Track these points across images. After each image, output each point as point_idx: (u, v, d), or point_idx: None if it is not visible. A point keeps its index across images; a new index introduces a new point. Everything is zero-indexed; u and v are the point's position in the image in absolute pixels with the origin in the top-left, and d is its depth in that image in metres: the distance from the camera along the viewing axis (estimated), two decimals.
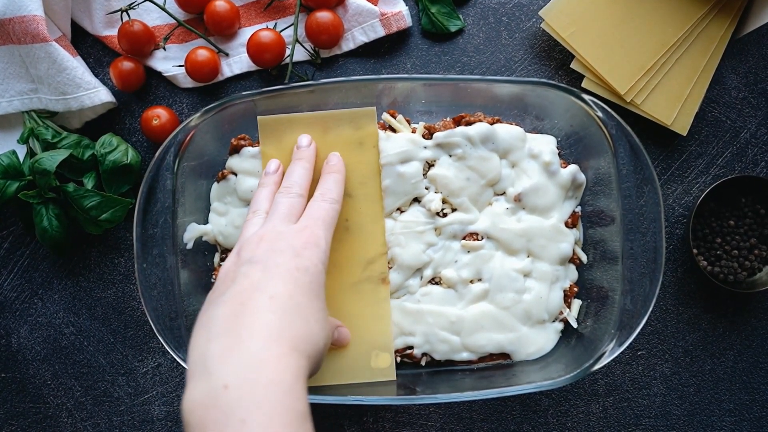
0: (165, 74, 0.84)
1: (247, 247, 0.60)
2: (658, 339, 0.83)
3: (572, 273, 0.78)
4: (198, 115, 0.71)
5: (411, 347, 0.75)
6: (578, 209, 0.78)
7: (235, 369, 0.47)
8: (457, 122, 0.76)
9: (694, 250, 0.79)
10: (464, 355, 0.75)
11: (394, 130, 0.76)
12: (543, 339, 0.76)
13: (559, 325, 0.77)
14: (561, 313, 0.76)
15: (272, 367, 0.48)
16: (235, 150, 0.76)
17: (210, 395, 0.47)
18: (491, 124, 0.75)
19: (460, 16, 0.84)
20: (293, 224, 0.63)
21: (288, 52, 0.83)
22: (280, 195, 0.66)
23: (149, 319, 0.70)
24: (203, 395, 0.47)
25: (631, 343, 0.72)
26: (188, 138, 0.72)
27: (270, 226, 0.62)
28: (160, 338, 0.70)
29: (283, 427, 0.45)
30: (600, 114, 0.71)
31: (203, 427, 0.46)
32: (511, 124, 0.76)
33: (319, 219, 0.63)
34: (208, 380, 0.47)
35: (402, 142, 0.74)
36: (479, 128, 0.74)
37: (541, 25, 0.81)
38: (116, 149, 0.80)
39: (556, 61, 0.84)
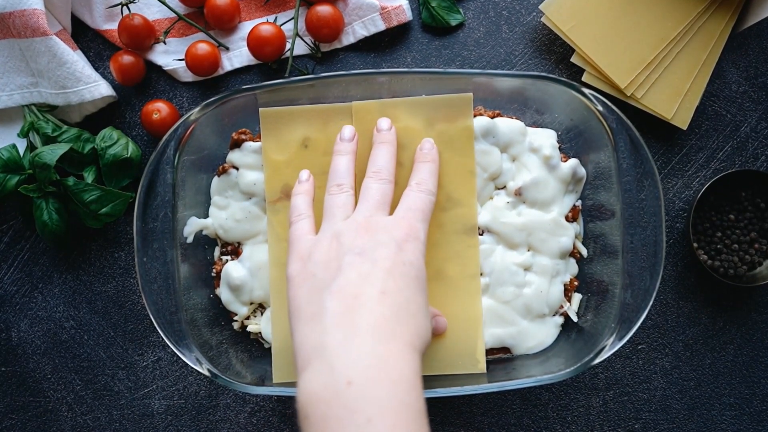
0: (165, 68, 0.84)
1: (346, 234, 0.57)
2: (658, 333, 0.83)
3: (572, 267, 0.78)
4: (198, 109, 0.71)
5: None
6: (578, 203, 0.78)
7: (356, 364, 0.47)
8: None
9: (695, 244, 0.79)
10: None
11: None
12: (543, 333, 0.76)
13: (560, 319, 0.77)
14: (561, 307, 0.76)
15: (394, 364, 0.48)
16: (236, 144, 0.76)
17: (332, 390, 0.46)
18: (492, 117, 0.75)
19: (461, 9, 0.84)
20: (388, 214, 0.60)
21: (288, 46, 0.83)
22: (371, 180, 0.62)
23: (149, 312, 0.70)
24: (324, 389, 0.47)
25: (631, 337, 0.73)
26: (188, 132, 0.72)
27: (366, 213, 0.59)
28: (160, 332, 0.70)
29: (408, 425, 0.45)
30: (600, 108, 0.71)
31: (324, 423, 0.45)
32: (511, 118, 0.76)
33: (417, 210, 0.60)
34: (330, 374, 0.47)
35: None
36: (480, 122, 0.74)
37: (542, 19, 0.81)
38: (116, 143, 0.80)
39: (556, 55, 0.84)
